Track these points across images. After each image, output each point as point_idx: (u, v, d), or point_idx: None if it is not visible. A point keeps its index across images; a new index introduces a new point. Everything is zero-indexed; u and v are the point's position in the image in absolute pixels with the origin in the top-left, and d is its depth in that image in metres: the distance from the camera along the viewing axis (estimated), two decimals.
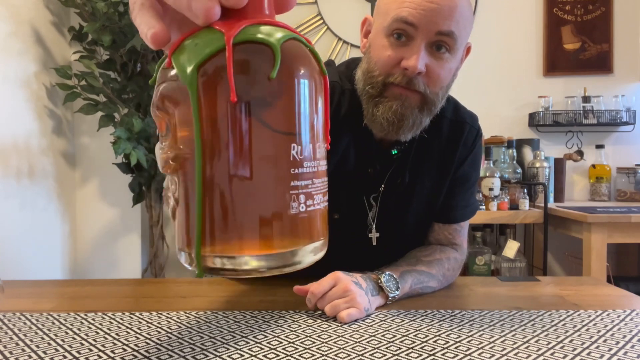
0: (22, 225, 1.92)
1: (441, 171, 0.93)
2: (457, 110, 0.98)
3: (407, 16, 0.75)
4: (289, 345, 0.66)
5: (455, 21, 0.76)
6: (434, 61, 0.78)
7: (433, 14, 0.75)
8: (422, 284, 0.89)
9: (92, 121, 2.23)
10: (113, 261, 2.35)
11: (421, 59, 0.76)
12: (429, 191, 0.93)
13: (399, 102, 0.79)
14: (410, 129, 0.82)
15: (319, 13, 2.39)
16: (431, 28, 0.76)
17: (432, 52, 0.78)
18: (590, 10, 2.36)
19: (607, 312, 0.79)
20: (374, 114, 0.81)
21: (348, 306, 0.75)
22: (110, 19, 1.86)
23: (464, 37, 0.80)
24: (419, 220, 0.96)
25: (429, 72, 0.78)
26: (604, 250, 1.80)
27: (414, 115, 0.80)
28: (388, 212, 0.93)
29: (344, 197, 0.89)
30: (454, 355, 0.62)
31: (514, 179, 2.11)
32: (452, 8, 0.75)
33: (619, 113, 2.28)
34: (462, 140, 0.93)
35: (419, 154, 0.91)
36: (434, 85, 0.80)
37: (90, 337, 0.69)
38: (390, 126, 0.80)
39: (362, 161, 0.90)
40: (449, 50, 0.78)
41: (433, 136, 0.90)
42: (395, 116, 0.79)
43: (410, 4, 0.75)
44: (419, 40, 0.76)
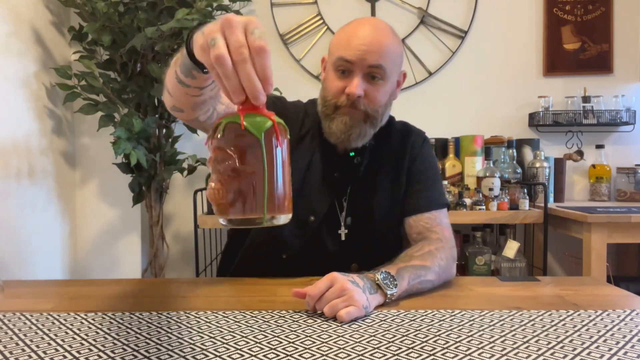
0: (22, 225, 1.92)
1: (396, 170, 1.13)
2: (406, 125, 1.20)
3: (345, 56, 0.99)
4: (289, 345, 0.66)
5: (383, 57, 0.99)
6: (371, 86, 1.01)
7: (364, 53, 0.98)
8: (420, 277, 0.90)
9: (92, 121, 2.23)
10: (113, 261, 2.35)
11: (359, 86, 0.99)
12: (389, 187, 1.12)
13: (347, 117, 1.02)
14: (358, 137, 1.04)
15: (319, 13, 2.39)
16: (364, 63, 0.99)
17: (369, 80, 1.01)
18: (590, 10, 2.36)
19: (607, 312, 0.79)
20: (330, 127, 1.04)
21: (346, 305, 0.76)
22: (110, 19, 1.86)
23: (392, 67, 1.03)
24: (385, 215, 1.11)
25: (368, 95, 1.01)
26: (604, 250, 1.80)
27: (360, 126, 1.03)
28: (357, 210, 1.10)
29: (317, 201, 1.09)
30: (454, 355, 0.62)
31: (514, 179, 2.11)
32: (380, 47, 0.99)
33: (619, 113, 2.28)
34: (410, 143, 1.15)
35: (375, 157, 1.12)
36: (373, 104, 1.02)
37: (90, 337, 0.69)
38: (342, 135, 1.03)
39: (328, 168, 1.10)
40: (381, 78, 1.01)
41: (386, 143, 1.14)
42: (345, 127, 1.02)
43: (348, 47, 0.99)
44: (357, 73, 1.00)
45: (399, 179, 1.12)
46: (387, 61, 1.00)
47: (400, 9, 2.39)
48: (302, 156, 1.10)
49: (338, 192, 1.10)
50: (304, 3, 2.40)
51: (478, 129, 2.33)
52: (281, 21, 2.39)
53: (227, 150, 0.56)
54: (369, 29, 1.01)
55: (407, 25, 2.40)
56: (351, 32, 1.01)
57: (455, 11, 2.39)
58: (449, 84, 2.40)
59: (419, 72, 2.40)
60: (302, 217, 1.07)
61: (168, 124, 2.14)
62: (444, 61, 2.39)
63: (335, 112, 1.03)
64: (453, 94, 2.41)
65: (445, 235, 1.07)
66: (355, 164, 1.11)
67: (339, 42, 1.02)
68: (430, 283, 0.93)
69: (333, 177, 1.10)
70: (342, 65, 1.00)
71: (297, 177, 1.07)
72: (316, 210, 1.08)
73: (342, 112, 1.02)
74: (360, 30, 1.00)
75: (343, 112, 1.02)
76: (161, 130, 2.11)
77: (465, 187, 2.08)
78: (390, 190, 1.11)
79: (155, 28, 1.79)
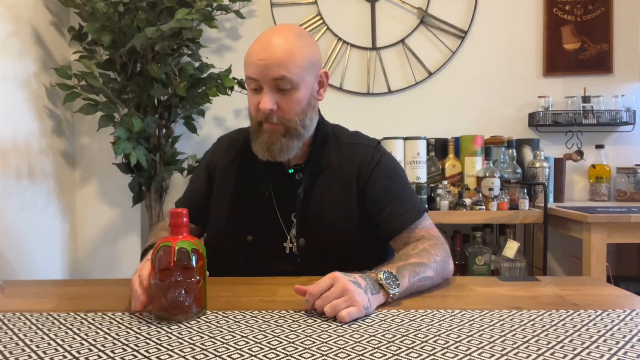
0: (22, 225, 1.92)
1: (346, 184, 1.11)
2: (355, 137, 1.18)
3: (250, 74, 1.01)
4: (289, 345, 0.66)
5: (285, 67, 0.99)
6: (282, 98, 1.01)
7: (264, 68, 0.99)
8: (419, 275, 0.90)
9: (92, 121, 2.23)
10: (113, 261, 2.35)
11: (268, 100, 1.00)
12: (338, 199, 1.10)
13: (267, 134, 1.03)
14: (281, 152, 1.04)
15: (319, 13, 2.39)
16: (267, 78, 0.99)
17: (279, 92, 1.01)
18: (590, 10, 2.36)
19: (607, 312, 0.79)
20: (255, 145, 1.06)
21: (347, 305, 0.75)
22: (110, 19, 1.85)
23: (301, 74, 1.01)
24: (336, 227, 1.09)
25: (280, 107, 1.01)
26: (604, 250, 1.80)
27: (280, 141, 1.03)
28: (306, 224, 1.09)
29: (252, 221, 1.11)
30: (454, 355, 0.62)
31: (514, 179, 2.11)
32: (280, 58, 0.98)
33: (618, 113, 2.27)
34: (358, 158, 1.12)
35: (320, 171, 1.11)
36: (288, 115, 1.02)
37: (90, 337, 0.69)
38: (265, 152, 1.04)
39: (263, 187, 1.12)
40: (291, 87, 1.01)
41: (330, 155, 1.13)
42: (265, 144, 1.04)
43: (251, 64, 1.01)
44: (265, 87, 1.00)
45: (348, 192, 1.10)
46: (290, 70, 0.99)
47: (400, 9, 2.39)
48: (229, 181, 1.14)
49: (282, 209, 1.11)
50: (304, 3, 2.40)
51: (478, 129, 2.33)
52: (281, 21, 2.39)
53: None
54: (268, 41, 1.00)
55: (407, 25, 2.40)
56: (253, 48, 1.02)
57: (455, 11, 2.39)
58: (449, 84, 2.40)
59: (419, 72, 2.40)
60: (239, 236, 1.11)
61: (168, 124, 2.14)
62: (444, 61, 2.39)
63: (259, 130, 1.05)
64: (453, 94, 2.40)
65: (433, 234, 1.07)
66: (298, 180, 1.11)
67: (246, 59, 1.03)
68: (430, 280, 0.93)
69: (264, 196, 1.11)
70: (251, 82, 1.02)
71: (225, 201, 1.13)
72: (253, 229, 1.11)
73: (264, 130, 1.04)
74: (260, 44, 1.01)
75: (264, 129, 1.03)
76: (161, 130, 2.12)
77: (465, 187, 2.08)
78: (339, 204, 1.10)
79: (155, 28, 1.79)
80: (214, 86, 2.02)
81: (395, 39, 2.39)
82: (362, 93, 2.41)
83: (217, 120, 2.43)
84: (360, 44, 2.40)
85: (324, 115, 1.17)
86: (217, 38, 2.40)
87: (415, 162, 2.11)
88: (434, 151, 2.19)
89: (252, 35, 2.40)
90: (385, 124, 2.38)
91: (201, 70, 2.06)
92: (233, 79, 2.06)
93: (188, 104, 2.07)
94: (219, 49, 2.41)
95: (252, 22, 2.41)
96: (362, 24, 2.41)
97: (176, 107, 2.10)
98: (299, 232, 1.09)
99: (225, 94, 2.07)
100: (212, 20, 1.98)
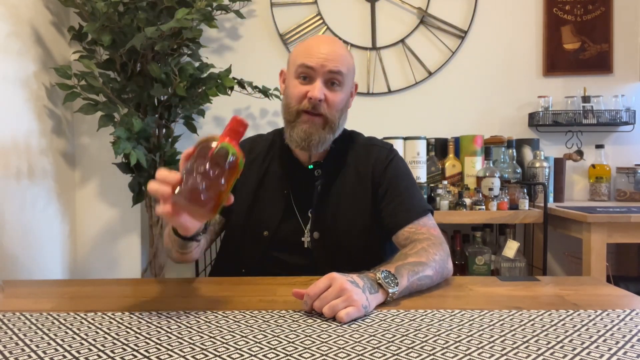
0: (22, 225, 1.92)
1: (361, 182, 1.16)
2: (371, 139, 1.26)
3: (307, 62, 1.08)
4: (288, 345, 0.66)
5: (341, 64, 1.09)
6: (330, 92, 1.09)
7: (324, 60, 1.07)
8: (418, 274, 0.91)
9: (92, 121, 2.23)
10: (113, 261, 2.35)
11: (320, 90, 1.07)
12: (353, 198, 1.15)
13: (307, 125, 1.09)
14: (318, 143, 1.10)
15: (319, 13, 2.39)
16: (324, 69, 1.08)
17: (328, 87, 1.09)
18: (590, 10, 2.36)
19: (607, 312, 0.79)
20: (290, 135, 1.11)
21: (346, 305, 0.76)
22: (110, 19, 1.85)
23: (348, 76, 1.12)
24: (350, 225, 1.14)
25: (328, 100, 1.09)
26: (604, 250, 1.80)
27: (319, 132, 1.09)
28: (321, 221, 1.14)
29: (269, 217, 1.15)
30: (454, 355, 0.62)
31: (514, 179, 2.11)
32: (338, 56, 1.09)
33: (618, 113, 2.27)
34: (374, 157, 1.19)
35: (337, 168, 1.17)
36: (332, 109, 1.10)
37: (90, 337, 0.69)
38: (302, 142, 1.09)
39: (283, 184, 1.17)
40: (339, 84, 1.10)
41: (347, 155, 1.19)
42: (305, 134, 1.09)
43: (309, 55, 1.08)
44: (317, 78, 1.08)
45: (363, 190, 1.15)
46: (344, 68, 1.10)
47: (400, 9, 2.39)
48: (251, 178, 1.19)
49: (300, 206, 1.15)
50: (304, 3, 2.40)
51: (478, 129, 2.34)
52: (281, 21, 2.39)
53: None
54: (327, 41, 1.12)
55: (407, 25, 2.40)
56: (311, 43, 1.12)
57: (455, 11, 2.39)
58: (449, 84, 2.40)
59: (419, 72, 2.40)
60: (256, 232, 1.15)
61: (168, 124, 2.14)
62: (444, 61, 2.39)
63: (296, 120, 1.10)
64: (453, 94, 2.40)
65: (433, 233, 1.08)
66: (316, 176, 1.16)
67: (300, 52, 1.11)
68: (429, 279, 0.93)
69: (283, 193, 1.16)
70: (304, 71, 1.08)
71: (245, 198, 1.16)
72: (269, 225, 1.15)
73: (303, 120, 1.09)
74: (319, 41, 1.12)
75: (304, 119, 1.09)
76: (161, 130, 2.11)
77: (465, 187, 2.08)
78: (354, 201, 1.15)
79: (155, 28, 1.78)
80: (214, 86, 2.02)
81: (395, 39, 2.39)
82: (362, 93, 2.41)
83: (217, 120, 2.43)
84: (360, 44, 2.40)
85: None
86: (217, 38, 2.40)
87: (415, 162, 2.11)
88: (434, 151, 2.19)
89: (252, 35, 2.41)
90: (385, 124, 2.38)
91: (201, 70, 2.06)
92: (233, 79, 2.05)
93: (188, 104, 2.07)
94: (219, 49, 2.41)
95: (252, 22, 2.41)
96: (362, 24, 2.41)
97: (176, 107, 2.10)
98: (314, 225, 1.14)
99: (225, 94, 2.07)
100: (212, 20, 1.98)
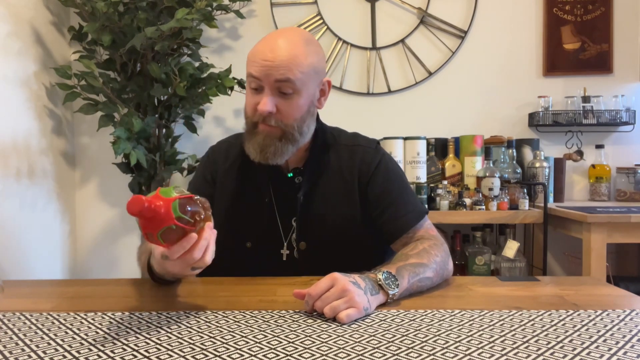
0: (22, 225, 1.92)
1: (347, 186, 1.10)
2: (355, 138, 1.16)
3: (253, 72, 0.98)
4: (288, 345, 0.66)
5: (290, 70, 0.96)
6: (283, 101, 0.99)
7: (269, 68, 0.96)
8: (419, 275, 0.90)
9: (92, 121, 2.23)
10: (113, 261, 2.35)
11: (268, 102, 0.97)
12: (339, 201, 1.09)
13: (261, 136, 1.01)
14: (274, 155, 1.01)
15: (319, 13, 2.39)
16: (270, 79, 0.97)
17: (281, 95, 0.99)
18: (590, 10, 2.36)
19: (607, 312, 0.79)
20: (247, 146, 1.04)
21: (347, 306, 0.75)
22: (110, 19, 1.85)
23: (305, 79, 0.99)
24: (339, 227, 1.09)
25: (280, 110, 0.99)
26: (604, 250, 1.80)
27: (274, 144, 1.01)
28: (308, 229, 1.08)
29: (250, 227, 1.10)
30: (454, 355, 0.62)
31: (514, 179, 2.11)
32: (286, 61, 0.96)
33: (618, 113, 2.27)
34: (359, 159, 1.11)
35: (319, 174, 1.10)
36: (287, 118, 1.00)
37: (90, 337, 0.69)
38: (258, 154, 1.02)
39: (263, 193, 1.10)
40: (293, 92, 0.99)
41: (330, 158, 1.11)
42: (259, 146, 1.01)
43: (255, 63, 0.98)
44: (266, 89, 0.98)
45: (350, 196, 1.09)
46: (296, 74, 0.97)
47: (400, 9, 2.39)
48: (228, 187, 1.13)
49: (283, 214, 1.10)
50: (304, 3, 2.40)
51: (478, 129, 2.33)
52: (281, 21, 2.39)
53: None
54: (275, 42, 0.98)
55: (407, 25, 2.40)
56: (259, 47, 1.00)
57: (455, 11, 2.39)
58: (449, 84, 2.40)
59: (419, 72, 2.40)
60: (239, 243, 1.10)
61: (168, 124, 2.14)
62: (443, 61, 2.39)
63: (253, 130, 1.02)
64: (453, 94, 2.40)
65: (432, 234, 1.07)
66: (297, 184, 1.09)
67: (249, 57, 1.01)
68: (429, 280, 0.93)
69: (265, 202, 1.10)
70: (252, 81, 1.00)
71: (225, 207, 1.11)
72: (252, 236, 1.10)
73: (258, 131, 1.01)
74: (267, 44, 0.99)
75: (259, 130, 1.01)
76: (161, 130, 2.11)
77: (465, 187, 2.08)
78: (340, 208, 1.09)
79: (155, 28, 1.79)
80: (214, 86, 2.02)
81: (395, 39, 2.39)
82: (362, 93, 2.41)
83: (217, 120, 2.43)
84: (360, 44, 2.40)
85: (324, 116, 1.16)
86: (217, 38, 2.40)
87: (415, 162, 2.11)
88: (434, 151, 2.19)
89: (252, 35, 2.41)
90: (385, 124, 2.38)
91: (201, 70, 2.06)
92: (233, 79, 2.06)
93: (188, 104, 2.07)
94: (219, 49, 2.41)
95: (252, 22, 2.41)
96: (362, 24, 2.41)
97: (176, 107, 2.10)
98: (300, 235, 1.08)
99: (225, 94, 2.07)
100: (212, 20, 1.98)
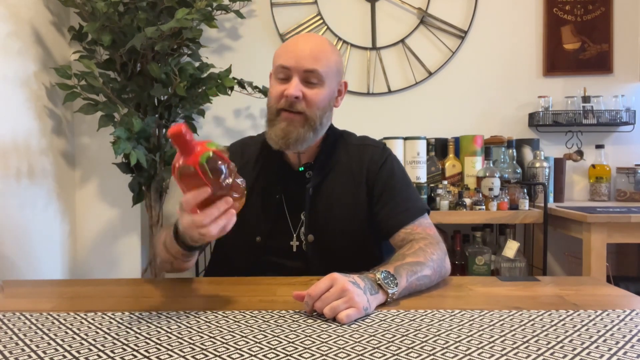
0: (22, 225, 1.92)
1: (355, 182, 1.15)
2: (363, 139, 1.24)
3: (283, 62, 1.07)
4: (288, 345, 0.66)
5: (317, 62, 1.06)
6: (308, 90, 1.07)
7: (300, 58, 1.06)
8: (417, 274, 0.91)
9: (92, 121, 2.23)
10: (113, 261, 2.35)
11: (295, 87, 1.05)
12: (348, 200, 1.13)
13: (285, 123, 1.07)
14: (296, 141, 1.07)
15: (319, 13, 2.39)
16: (300, 68, 1.06)
17: (306, 84, 1.07)
18: (590, 10, 2.36)
19: (607, 312, 0.79)
20: (269, 134, 1.09)
21: (347, 306, 0.75)
22: (110, 19, 1.85)
23: (329, 74, 1.09)
24: (345, 226, 1.12)
25: (306, 97, 1.06)
26: (604, 250, 1.80)
27: (297, 130, 1.07)
28: (315, 223, 1.12)
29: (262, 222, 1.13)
30: (454, 355, 0.62)
31: (514, 179, 2.11)
32: (314, 54, 1.07)
33: (618, 113, 2.27)
34: (368, 157, 1.17)
35: (329, 170, 1.15)
36: (311, 106, 1.07)
37: (90, 337, 0.69)
38: (280, 139, 1.07)
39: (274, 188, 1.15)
40: (318, 82, 1.07)
41: (339, 155, 1.17)
42: (282, 132, 1.07)
43: (286, 54, 1.08)
44: (294, 77, 1.06)
45: (357, 191, 1.14)
46: (322, 66, 1.07)
47: (400, 9, 2.39)
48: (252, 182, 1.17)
49: (292, 209, 1.14)
50: (304, 3, 2.40)
51: (478, 129, 2.33)
52: (281, 21, 2.39)
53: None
54: (305, 40, 1.10)
55: (407, 25, 2.40)
56: (289, 43, 1.11)
57: (455, 11, 2.39)
58: (449, 84, 2.40)
59: (419, 72, 2.40)
60: (249, 238, 1.13)
61: (168, 124, 2.13)
62: (443, 61, 2.39)
63: (276, 118, 1.08)
64: (453, 94, 2.40)
65: (429, 233, 1.08)
66: (307, 178, 1.14)
67: (279, 53, 1.11)
68: (427, 279, 0.93)
69: (275, 198, 1.14)
70: (281, 72, 1.08)
71: None
72: (262, 231, 1.13)
73: (282, 118, 1.07)
74: (297, 41, 1.10)
75: (282, 117, 1.07)
76: (161, 130, 2.11)
77: (465, 187, 2.08)
78: (348, 203, 1.13)
79: (155, 28, 1.78)
80: (214, 86, 2.02)
81: (395, 39, 2.39)
82: (362, 93, 2.41)
83: (217, 120, 2.43)
84: (360, 44, 2.40)
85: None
86: (217, 38, 2.40)
87: (415, 162, 2.11)
88: (434, 151, 2.19)
89: (252, 35, 2.41)
90: (385, 124, 2.38)
91: (201, 70, 2.06)
92: (233, 79, 2.05)
93: (188, 104, 2.07)
94: (219, 49, 2.41)
95: (252, 22, 2.41)
96: (362, 24, 2.41)
97: (176, 107, 2.10)
98: (308, 228, 1.12)
99: (225, 94, 2.07)
100: (212, 20, 1.98)
